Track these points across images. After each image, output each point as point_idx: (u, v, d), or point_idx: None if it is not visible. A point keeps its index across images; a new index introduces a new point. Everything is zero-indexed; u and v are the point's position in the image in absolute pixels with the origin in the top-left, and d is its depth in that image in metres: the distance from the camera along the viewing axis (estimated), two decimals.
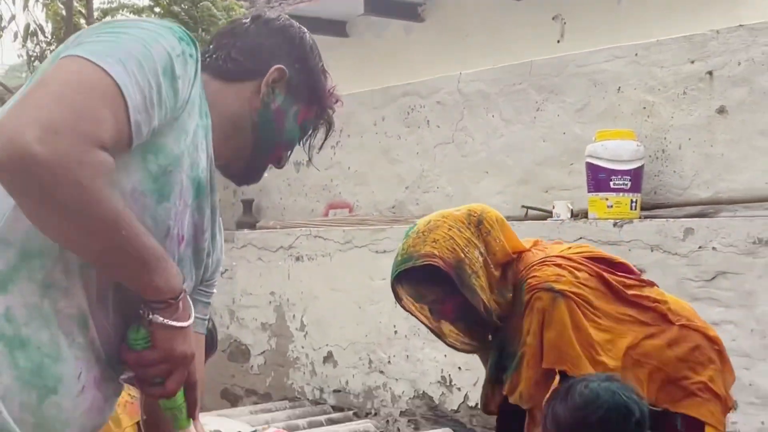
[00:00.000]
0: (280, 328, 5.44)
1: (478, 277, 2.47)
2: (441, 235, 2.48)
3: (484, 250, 2.50)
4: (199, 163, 1.47)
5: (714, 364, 2.49)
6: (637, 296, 2.51)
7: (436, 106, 4.93)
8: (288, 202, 5.82)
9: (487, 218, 2.56)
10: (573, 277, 2.42)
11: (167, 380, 1.41)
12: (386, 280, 4.72)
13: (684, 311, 2.57)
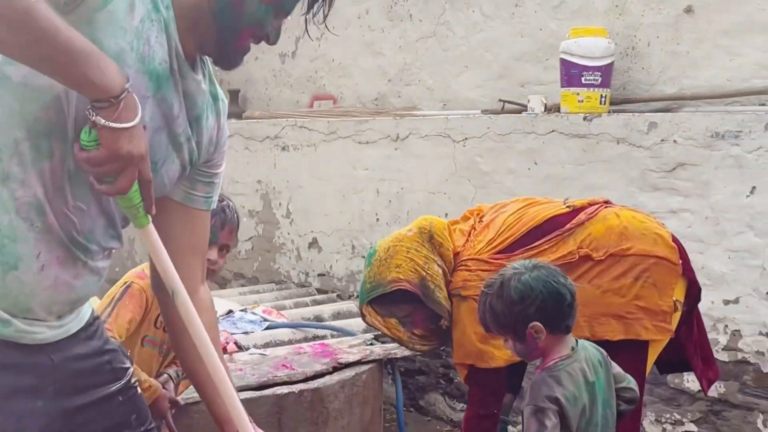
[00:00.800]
0: (266, 215, 5.67)
1: (440, 290, 2.80)
2: (402, 259, 2.80)
3: (441, 262, 2.83)
4: (154, 56, 1.57)
5: (641, 280, 2.70)
6: (559, 258, 2.74)
7: (418, 1, 5.05)
8: (273, 92, 5.97)
9: (436, 231, 2.87)
10: (480, 279, 2.67)
11: (117, 178, 1.48)
12: (369, 170, 4.99)
13: (622, 235, 2.77)
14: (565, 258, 2.76)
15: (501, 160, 4.40)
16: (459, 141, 4.59)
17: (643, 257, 2.74)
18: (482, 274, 2.72)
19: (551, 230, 2.83)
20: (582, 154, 4.06)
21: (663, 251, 2.76)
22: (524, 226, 2.87)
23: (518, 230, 2.87)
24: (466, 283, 2.78)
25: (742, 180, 3.52)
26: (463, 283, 2.78)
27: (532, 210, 2.94)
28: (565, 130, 4.12)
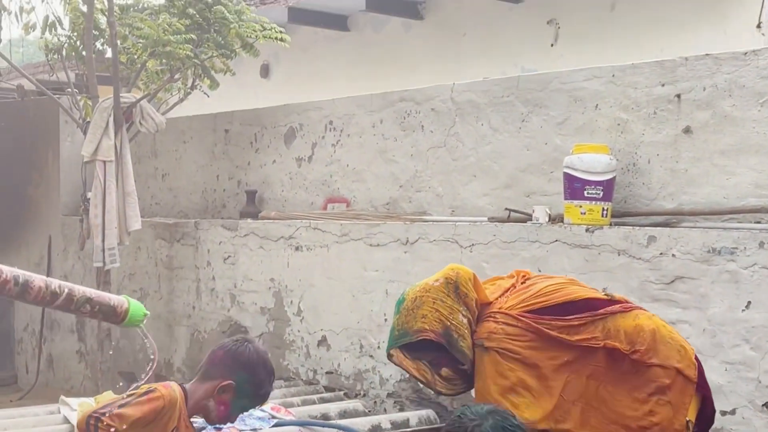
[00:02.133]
0: (278, 313, 5.82)
1: (464, 339, 2.95)
2: (428, 310, 2.98)
3: (466, 312, 2.99)
4: None
5: (656, 396, 2.82)
6: (584, 339, 2.88)
7: (430, 113, 5.30)
8: (289, 194, 6.19)
9: (462, 282, 3.04)
10: (504, 333, 2.84)
11: None
12: (379, 272, 5.16)
13: (650, 335, 2.88)
14: (589, 341, 2.88)
15: (506, 267, 4.55)
16: (466, 246, 4.77)
17: (665, 369, 2.85)
18: (507, 329, 2.87)
19: (584, 310, 2.95)
20: (584, 264, 4.23)
21: (684, 364, 2.87)
22: (561, 297, 3.01)
23: (553, 299, 3.01)
24: (490, 335, 2.89)
25: (738, 295, 3.67)
26: (487, 335, 2.90)
27: (572, 287, 3.09)
28: (568, 240, 4.30)
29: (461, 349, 2.93)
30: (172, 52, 5.47)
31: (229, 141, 6.61)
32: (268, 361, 3.00)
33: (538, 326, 2.92)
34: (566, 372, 2.87)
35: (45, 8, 6.33)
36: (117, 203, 5.82)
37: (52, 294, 3.01)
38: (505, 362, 2.85)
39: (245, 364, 2.95)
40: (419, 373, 3.17)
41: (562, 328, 2.89)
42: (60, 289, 3.03)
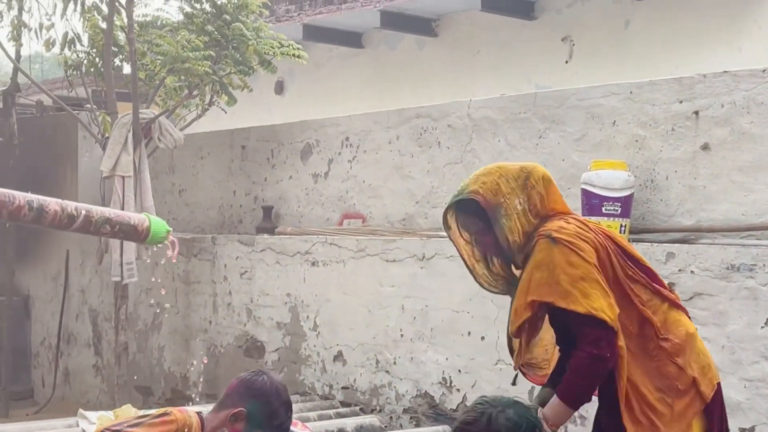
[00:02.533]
0: (294, 328, 5.84)
1: (509, 219, 2.92)
2: (490, 180, 2.97)
3: (524, 201, 2.95)
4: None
5: (664, 394, 2.81)
6: (633, 292, 2.86)
7: (447, 129, 5.33)
8: (305, 210, 6.22)
9: (534, 175, 3.00)
10: (575, 232, 2.84)
11: None
12: (395, 288, 5.17)
13: (688, 337, 2.88)
14: (633, 297, 2.86)
15: None
16: None
17: (683, 373, 2.82)
18: (578, 230, 2.85)
19: (654, 280, 2.95)
20: None
21: (703, 380, 2.85)
22: (635, 253, 3.00)
23: (629, 248, 2.99)
24: (561, 230, 2.85)
25: (757, 311, 3.67)
26: (558, 229, 2.85)
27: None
28: None
29: (502, 226, 2.91)
30: (190, 68, 5.52)
31: (245, 157, 6.65)
32: (283, 392, 2.96)
33: (613, 247, 2.90)
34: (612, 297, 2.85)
35: (64, 25, 6.40)
36: None
37: (69, 217, 2.93)
38: (576, 253, 2.80)
39: (258, 392, 2.92)
40: (469, 258, 3.15)
41: (625, 267, 2.89)
42: (77, 211, 2.95)
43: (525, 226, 2.93)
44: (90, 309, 7.41)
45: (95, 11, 6.20)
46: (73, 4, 6.25)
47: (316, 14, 10.54)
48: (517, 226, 2.93)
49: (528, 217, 2.94)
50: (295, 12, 10.73)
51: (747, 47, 7.68)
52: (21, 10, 6.35)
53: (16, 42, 6.39)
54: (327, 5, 10.39)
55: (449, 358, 4.95)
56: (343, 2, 10.20)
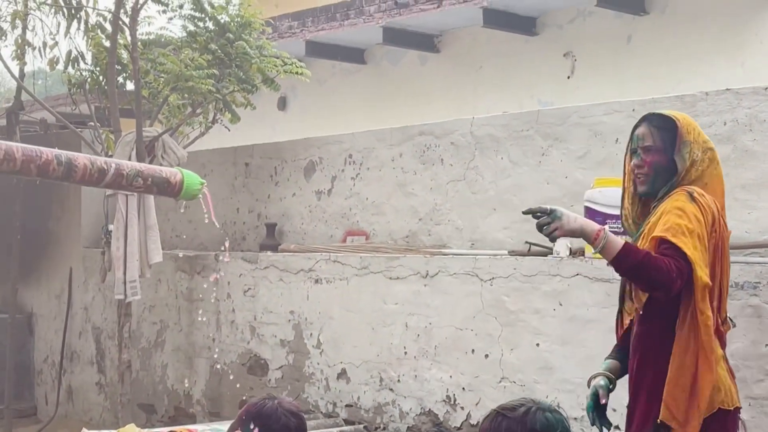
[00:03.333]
0: (297, 345, 5.83)
1: (684, 161, 3.07)
2: (688, 122, 3.16)
3: (698, 159, 3.10)
4: None
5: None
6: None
7: (449, 146, 5.34)
8: (309, 227, 6.23)
9: (716, 153, 3.18)
10: (708, 205, 3.00)
11: None
12: (398, 305, 5.17)
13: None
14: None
15: (527, 301, 4.58)
16: (486, 280, 4.78)
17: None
18: (713, 208, 3.01)
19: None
20: (606, 298, 4.23)
21: (719, 397, 2.96)
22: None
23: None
24: (701, 195, 3.00)
25: (761, 329, 3.67)
26: (700, 193, 3.01)
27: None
28: (590, 273, 4.31)
29: (681, 156, 3.07)
30: (194, 86, 5.54)
31: (249, 174, 6.67)
32: (290, 418, 2.83)
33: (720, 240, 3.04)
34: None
35: (68, 43, 6.42)
36: (139, 236, 5.87)
37: (100, 171, 2.82)
38: (704, 218, 2.96)
39: (258, 415, 2.82)
40: (626, 178, 3.28)
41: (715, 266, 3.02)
42: (107, 165, 2.84)
43: (683, 173, 3.08)
44: (93, 327, 7.42)
45: (99, 30, 6.22)
46: (76, 23, 6.28)
47: (318, 30, 10.57)
48: (685, 165, 3.07)
49: (691, 170, 3.08)
50: (297, 28, 10.75)
51: (749, 62, 7.69)
52: (25, 29, 6.37)
53: (20, 61, 6.42)
54: (329, 21, 10.42)
55: (453, 375, 4.95)
56: (345, 18, 10.23)
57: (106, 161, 2.88)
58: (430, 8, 9.37)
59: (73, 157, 2.82)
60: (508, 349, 4.68)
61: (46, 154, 2.76)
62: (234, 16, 5.85)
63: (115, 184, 2.94)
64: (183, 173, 3.01)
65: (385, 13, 9.82)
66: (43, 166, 2.74)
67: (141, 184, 2.94)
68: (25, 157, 2.72)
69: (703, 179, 3.09)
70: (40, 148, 2.83)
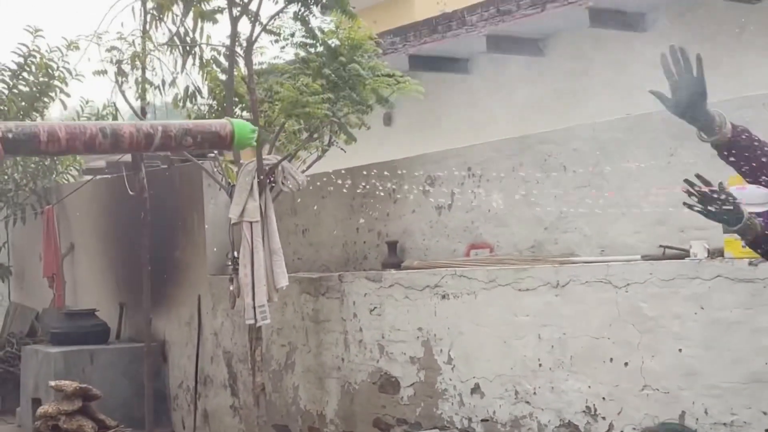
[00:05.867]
0: (428, 362, 5.83)
1: None
2: None
3: None
4: None
5: None
6: None
7: (572, 153, 5.25)
8: (431, 243, 6.23)
9: None
10: None
11: None
12: (530, 317, 5.11)
13: None
14: None
15: (666, 306, 4.45)
16: (621, 287, 4.67)
17: None
18: None
19: None
20: (750, 299, 4.08)
21: None
22: None
23: None
24: None
25: None
26: None
27: None
28: (731, 275, 4.17)
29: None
30: (310, 112, 5.62)
31: (366, 194, 6.71)
32: None
33: None
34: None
35: (185, 79, 6.61)
36: (265, 262, 5.98)
37: (147, 136, 2.77)
38: None
39: None
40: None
41: None
42: (153, 128, 2.78)
43: None
44: (224, 351, 7.58)
45: (214, 64, 6.38)
46: (191, 59, 6.46)
47: (421, 44, 10.60)
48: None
49: None
50: (399, 44, 10.81)
51: None
52: (144, 69, 6.59)
53: (142, 101, 6.64)
54: (432, 34, 10.44)
55: (592, 386, 4.85)
56: (447, 30, 10.24)
57: (152, 125, 2.83)
58: (534, 12, 9.29)
59: (118, 127, 2.76)
60: (649, 356, 4.57)
61: (90, 128, 2.72)
62: (345, 39, 5.91)
63: (165, 146, 2.87)
64: (233, 123, 2.91)
65: (488, 21, 9.79)
66: (89, 141, 2.70)
67: (191, 142, 2.86)
68: (70, 135, 2.68)
69: None
70: (84, 123, 2.86)
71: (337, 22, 5.85)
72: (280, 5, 5.72)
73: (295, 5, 5.66)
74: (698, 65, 2.98)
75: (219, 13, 5.82)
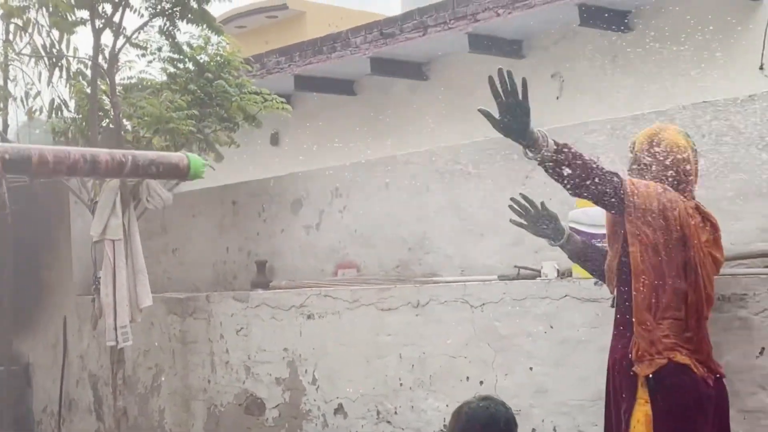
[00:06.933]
0: (293, 382, 5.77)
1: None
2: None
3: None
4: None
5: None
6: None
7: (435, 174, 5.30)
8: (299, 263, 6.18)
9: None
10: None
11: None
12: (392, 336, 5.10)
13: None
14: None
15: (518, 325, 4.52)
16: (477, 306, 4.72)
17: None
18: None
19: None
20: (596, 318, 4.17)
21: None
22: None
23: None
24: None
25: (751, 341, 3.60)
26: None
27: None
28: (578, 294, 4.26)
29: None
30: (175, 128, 5.52)
31: (237, 213, 6.63)
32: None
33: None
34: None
35: (51, 92, 6.42)
36: (127, 281, 5.83)
37: (119, 164, 3.19)
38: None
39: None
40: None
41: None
42: (124, 157, 3.22)
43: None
44: (90, 374, 7.35)
45: (80, 77, 6.22)
46: (58, 71, 6.28)
47: (306, 64, 10.57)
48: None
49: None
50: (285, 63, 10.76)
51: (737, 76, 7.66)
52: (6, 80, 6.38)
53: (1, 112, 6.42)
54: (317, 55, 10.43)
55: (449, 404, 4.85)
56: (332, 51, 10.24)
57: (123, 153, 3.29)
58: (416, 36, 9.38)
59: (96, 154, 3.21)
60: (503, 375, 4.62)
61: (73, 154, 3.13)
62: (213, 56, 5.84)
63: (134, 173, 3.32)
64: (189, 157, 3.41)
65: (372, 44, 9.83)
66: (72, 165, 3.10)
67: (155, 171, 3.33)
68: (56, 159, 3.07)
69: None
70: (67, 148, 3.25)
71: (205, 38, 5.78)
72: (146, 18, 5.61)
73: (160, 19, 5.56)
74: (523, 89, 3.08)
75: (81, 24, 5.66)
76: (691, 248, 3.24)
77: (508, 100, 3.06)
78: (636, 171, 3.40)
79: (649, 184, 3.28)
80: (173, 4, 5.44)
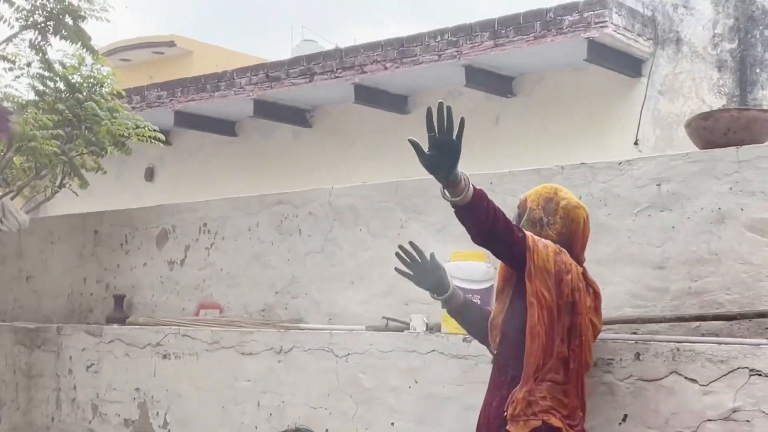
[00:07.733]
0: (142, 425, 5.44)
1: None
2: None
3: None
4: None
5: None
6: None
7: (308, 217, 5.15)
8: (160, 299, 5.89)
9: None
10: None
11: None
12: (251, 382, 4.88)
13: None
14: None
15: (383, 377, 4.37)
16: (342, 356, 4.56)
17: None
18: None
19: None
20: (461, 375, 4.07)
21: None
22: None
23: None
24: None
25: (615, 407, 3.56)
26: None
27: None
28: (446, 350, 4.15)
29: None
30: (37, 147, 5.20)
31: (98, 242, 6.30)
32: None
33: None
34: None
35: None
36: None
37: None
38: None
39: None
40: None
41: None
42: None
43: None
44: None
45: None
46: None
47: (188, 101, 10.35)
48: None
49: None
50: (166, 98, 10.50)
51: (611, 146, 7.88)
52: None
53: None
54: (200, 92, 10.22)
55: None
56: (216, 90, 10.06)
57: None
58: (302, 83, 9.32)
59: None
60: (363, 429, 4.45)
61: None
62: (87, 77, 5.57)
63: None
64: None
65: (257, 86, 9.71)
66: None
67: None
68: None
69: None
70: None
71: (79, 57, 5.50)
72: (16, 30, 5.30)
73: (31, 32, 5.27)
74: (460, 128, 2.96)
75: None
76: (578, 314, 3.20)
77: (441, 136, 2.93)
78: (526, 227, 3.34)
79: (547, 243, 3.23)
80: (46, 17, 5.15)
